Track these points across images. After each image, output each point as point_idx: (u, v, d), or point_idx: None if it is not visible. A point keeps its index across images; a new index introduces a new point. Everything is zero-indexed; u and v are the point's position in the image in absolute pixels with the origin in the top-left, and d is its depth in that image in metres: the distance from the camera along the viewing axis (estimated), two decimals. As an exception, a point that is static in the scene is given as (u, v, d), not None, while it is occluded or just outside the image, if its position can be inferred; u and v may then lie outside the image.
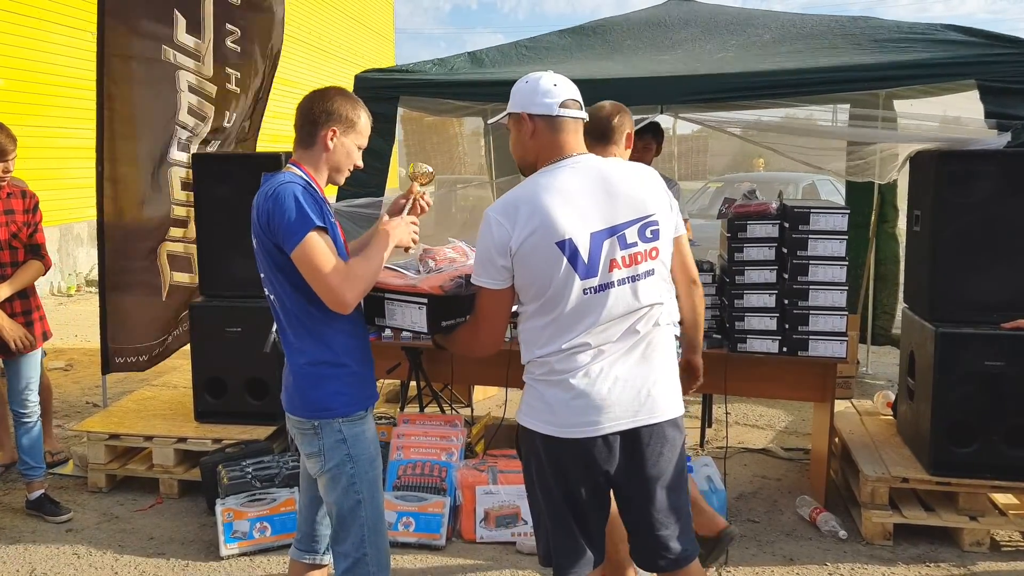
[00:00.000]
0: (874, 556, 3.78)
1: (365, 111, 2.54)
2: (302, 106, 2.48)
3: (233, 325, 4.55)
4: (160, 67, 5.15)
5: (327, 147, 2.47)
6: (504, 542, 3.89)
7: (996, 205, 3.82)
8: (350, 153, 2.52)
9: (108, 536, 4.03)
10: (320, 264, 2.32)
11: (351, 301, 2.35)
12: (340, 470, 2.48)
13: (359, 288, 2.36)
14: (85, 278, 11.52)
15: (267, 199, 2.38)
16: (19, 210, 4.02)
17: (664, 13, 6.14)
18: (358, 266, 2.38)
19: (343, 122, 2.47)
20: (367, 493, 2.52)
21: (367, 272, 2.39)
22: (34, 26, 10.49)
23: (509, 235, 2.23)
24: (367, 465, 2.52)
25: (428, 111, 7.03)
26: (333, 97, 2.47)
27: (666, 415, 2.34)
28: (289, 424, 2.59)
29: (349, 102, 2.49)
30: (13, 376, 4.08)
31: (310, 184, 2.44)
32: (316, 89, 2.53)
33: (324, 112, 2.45)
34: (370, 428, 2.55)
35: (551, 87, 2.35)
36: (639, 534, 2.43)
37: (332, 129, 2.46)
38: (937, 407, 3.82)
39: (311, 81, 17.43)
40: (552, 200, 2.23)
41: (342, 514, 2.51)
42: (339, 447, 2.48)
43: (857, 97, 5.26)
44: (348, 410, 2.48)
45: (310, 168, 2.48)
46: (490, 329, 2.38)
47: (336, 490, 2.50)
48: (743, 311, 4.11)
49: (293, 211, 2.32)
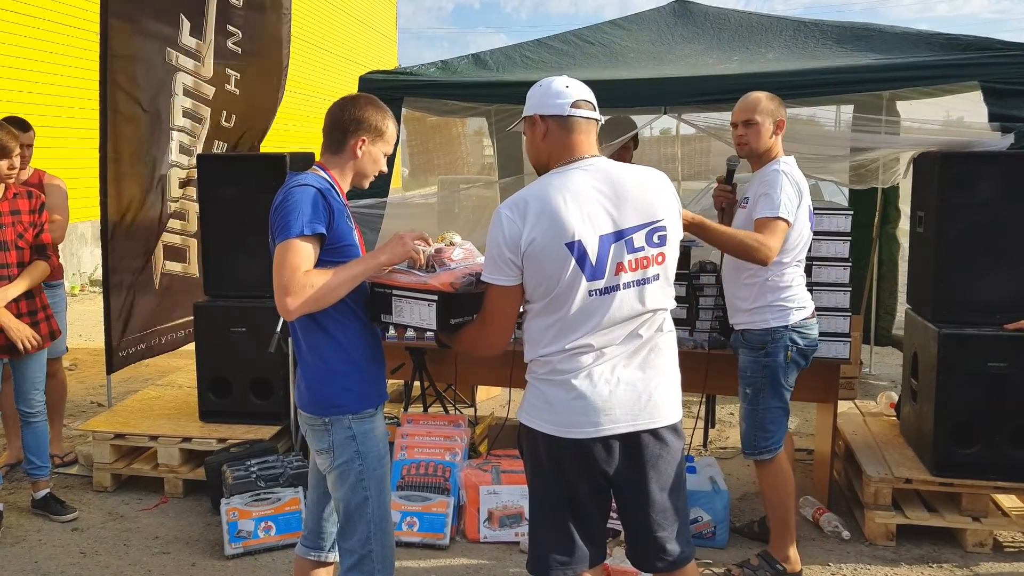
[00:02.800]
0: (877, 557, 3.79)
1: (392, 120, 2.61)
2: (333, 112, 2.55)
3: (238, 325, 4.57)
4: (162, 69, 5.17)
5: (355, 155, 2.54)
6: (508, 542, 3.90)
7: (999, 207, 3.83)
8: (377, 160, 2.59)
9: (113, 535, 4.05)
10: (285, 265, 2.33)
11: (291, 307, 2.32)
12: (349, 467, 2.51)
13: (303, 296, 2.32)
14: (89, 278, 11.54)
15: (282, 194, 2.43)
16: (25, 210, 4.03)
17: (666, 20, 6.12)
18: (316, 277, 2.35)
19: (372, 131, 2.54)
20: (375, 490, 2.54)
21: (321, 284, 2.34)
22: (37, 26, 10.52)
23: (520, 231, 2.24)
24: (376, 462, 2.54)
25: (431, 112, 7.04)
26: (364, 106, 2.54)
27: (666, 420, 2.35)
28: (300, 420, 2.62)
29: (379, 112, 2.57)
30: (20, 376, 4.10)
31: (332, 188, 2.48)
32: (346, 96, 2.60)
33: (354, 121, 2.52)
34: (380, 426, 2.58)
35: (563, 88, 2.37)
36: (637, 536, 2.44)
37: (362, 138, 2.53)
38: (940, 408, 3.83)
39: (314, 81, 17.53)
40: (563, 201, 2.24)
41: (349, 510, 2.54)
42: (349, 444, 2.51)
43: (860, 99, 5.26)
44: (358, 407, 2.51)
45: (335, 172, 2.54)
46: (498, 328, 2.37)
47: (344, 486, 2.53)
48: (746, 312, 4.11)
49: (295, 211, 2.36)
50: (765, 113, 3.37)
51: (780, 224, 3.24)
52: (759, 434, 3.46)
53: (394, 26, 25.80)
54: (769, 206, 3.25)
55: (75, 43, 10.54)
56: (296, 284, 2.33)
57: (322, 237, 2.40)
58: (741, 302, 3.47)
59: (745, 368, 3.48)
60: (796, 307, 3.40)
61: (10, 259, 3.95)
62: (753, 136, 3.38)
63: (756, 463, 3.55)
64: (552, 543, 2.40)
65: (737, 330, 3.54)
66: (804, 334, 3.42)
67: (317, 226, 2.37)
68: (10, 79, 9.97)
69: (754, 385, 3.44)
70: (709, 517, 3.87)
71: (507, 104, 5.89)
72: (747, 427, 3.50)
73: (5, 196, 3.99)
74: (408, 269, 2.52)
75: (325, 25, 19.10)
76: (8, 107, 9.37)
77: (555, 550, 2.39)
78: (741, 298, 3.47)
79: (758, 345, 3.41)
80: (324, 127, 2.56)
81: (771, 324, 3.37)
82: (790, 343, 3.38)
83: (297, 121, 15.51)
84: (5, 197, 3.99)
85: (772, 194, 3.26)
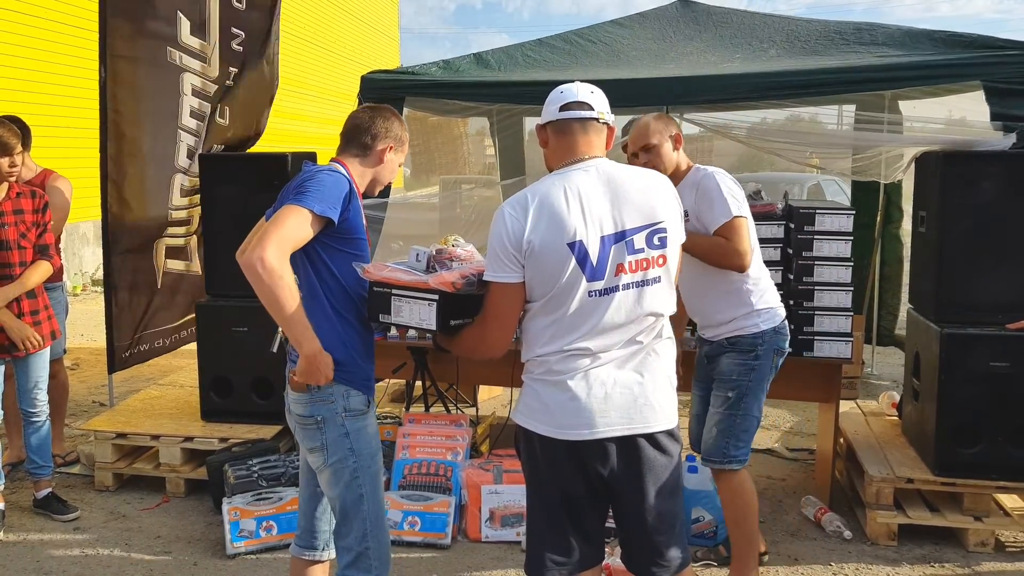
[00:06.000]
0: (879, 556, 3.79)
1: (408, 133, 2.77)
2: (361, 118, 2.66)
3: (239, 325, 4.57)
4: (165, 69, 5.17)
5: (382, 160, 2.66)
6: (509, 541, 3.90)
7: (1001, 206, 3.83)
8: (394, 170, 2.73)
9: (115, 535, 4.05)
10: (285, 224, 2.33)
11: (265, 259, 2.27)
12: (343, 464, 2.53)
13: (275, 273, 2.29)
14: (91, 277, 11.56)
15: (310, 172, 2.49)
16: (28, 210, 4.03)
17: (668, 18, 6.14)
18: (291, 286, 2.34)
19: (397, 141, 2.70)
20: (369, 487, 2.56)
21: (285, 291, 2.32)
22: (38, 25, 10.53)
23: (523, 228, 2.23)
24: (369, 460, 2.57)
25: (433, 112, 7.05)
26: (391, 117, 2.69)
27: (662, 425, 2.33)
28: (291, 420, 2.63)
29: (403, 124, 2.74)
30: (22, 375, 4.10)
31: (352, 186, 2.54)
32: (371, 105, 2.82)
33: (385, 129, 2.65)
34: (372, 423, 2.60)
35: (558, 94, 2.38)
36: (633, 541, 2.43)
37: (390, 146, 2.67)
38: (942, 408, 3.83)
39: (316, 81, 17.54)
40: (565, 201, 2.24)
41: (345, 508, 2.56)
42: (342, 441, 2.52)
43: (863, 98, 5.26)
44: (350, 404, 2.53)
45: (355, 174, 2.61)
46: (500, 328, 2.35)
47: (339, 485, 2.55)
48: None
49: (321, 188, 2.41)
50: (657, 133, 3.26)
51: (742, 223, 3.14)
52: (731, 442, 3.29)
53: (396, 26, 25.82)
54: (723, 211, 3.13)
55: (77, 42, 10.54)
56: (281, 251, 2.31)
57: (329, 223, 2.43)
58: (720, 314, 3.32)
59: (731, 372, 3.31)
60: (777, 306, 3.34)
61: (12, 259, 3.95)
62: (656, 159, 3.25)
63: (719, 473, 3.36)
64: (548, 544, 2.39)
65: (719, 339, 3.36)
66: (785, 335, 3.34)
67: (332, 211, 2.41)
68: (11, 79, 9.98)
69: (739, 388, 3.28)
70: (711, 517, 3.87)
71: (509, 104, 5.90)
72: (718, 434, 3.32)
73: (8, 195, 3.99)
74: (409, 268, 2.51)
75: (327, 25, 19.12)
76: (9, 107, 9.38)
77: (551, 551, 2.39)
78: (720, 310, 3.32)
79: (747, 348, 3.28)
80: (346, 130, 2.66)
81: (761, 328, 3.27)
82: (776, 347, 3.31)
83: (299, 121, 15.56)
84: (8, 196, 3.99)
85: (717, 198, 3.15)
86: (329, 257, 2.50)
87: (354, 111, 2.75)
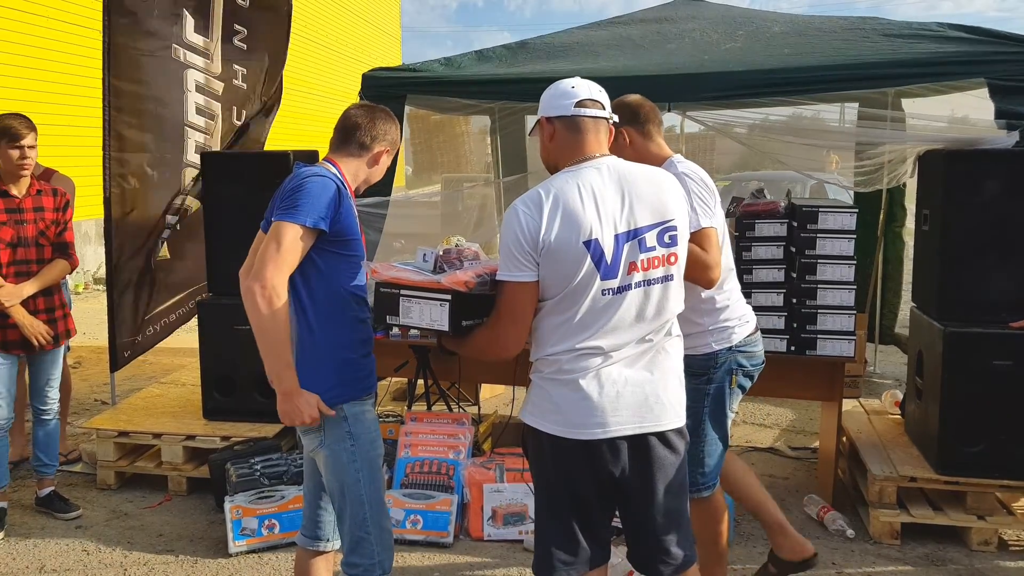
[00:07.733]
0: (881, 555, 3.78)
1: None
2: (360, 117, 2.64)
3: (242, 323, 4.51)
4: (169, 66, 5.17)
5: (377, 162, 2.68)
6: (511, 540, 3.90)
7: (1005, 205, 3.82)
8: (383, 172, 2.74)
9: (117, 533, 4.05)
10: (281, 244, 2.38)
11: (255, 290, 2.35)
12: (340, 446, 2.54)
13: (272, 295, 2.35)
14: (93, 276, 11.57)
15: (297, 179, 2.48)
16: (49, 208, 4.03)
17: (671, 12, 6.14)
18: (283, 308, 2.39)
19: (392, 145, 2.71)
20: (366, 472, 2.57)
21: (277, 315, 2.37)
22: (40, 24, 10.52)
23: (539, 226, 2.21)
24: (368, 445, 2.57)
25: (435, 109, 7.03)
26: (387, 120, 2.69)
27: (672, 423, 2.34)
28: None
29: (397, 128, 2.75)
30: (35, 372, 4.11)
31: (343, 185, 2.54)
32: (367, 105, 2.76)
33: (384, 131, 2.67)
34: (370, 410, 2.62)
35: (568, 88, 2.37)
36: (640, 539, 2.44)
37: (387, 149, 2.68)
38: (945, 406, 3.82)
39: (318, 80, 17.54)
40: (579, 199, 2.23)
41: (343, 492, 2.57)
42: (339, 424, 2.54)
43: (866, 95, 5.24)
44: (347, 393, 2.54)
45: (347, 173, 2.61)
46: (514, 328, 2.31)
47: (336, 467, 2.56)
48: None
49: (310, 199, 2.41)
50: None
51: (711, 233, 2.76)
52: (697, 470, 2.94)
53: (398, 24, 25.81)
54: (691, 221, 2.65)
55: (79, 40, 10.55)
56: (281, 277, 2.37)
57: (321, 233, 2.45)
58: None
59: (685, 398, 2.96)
60: (739, 324, 2.97)
61: (30, 255, 3.95)
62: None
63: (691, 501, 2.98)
64: (557, 543, 2.39)
65: None
66: (749, 353, 2.99)
67: (323, 222, 2.42)
68: (13, 77, 9.98)
69: (695, 416, 2.84)
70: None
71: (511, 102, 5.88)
72: None
73: (28, 192, 3.98)
74: (417, 268, 2.50)
75: (329, 23, 19.11)
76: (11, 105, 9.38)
77: (559, 550, 2.39)
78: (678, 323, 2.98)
79: (699, 371, 2.91)
80: (344, 128, 2.64)
81: (714, 348, 2.92)
82: (736, 366, 2.96)
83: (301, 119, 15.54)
84: (28, 193, 3.98)
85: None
86: (323, 260, 2.51)
87: (348, 109, 2.70)
